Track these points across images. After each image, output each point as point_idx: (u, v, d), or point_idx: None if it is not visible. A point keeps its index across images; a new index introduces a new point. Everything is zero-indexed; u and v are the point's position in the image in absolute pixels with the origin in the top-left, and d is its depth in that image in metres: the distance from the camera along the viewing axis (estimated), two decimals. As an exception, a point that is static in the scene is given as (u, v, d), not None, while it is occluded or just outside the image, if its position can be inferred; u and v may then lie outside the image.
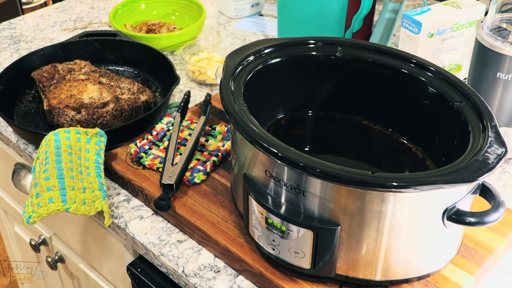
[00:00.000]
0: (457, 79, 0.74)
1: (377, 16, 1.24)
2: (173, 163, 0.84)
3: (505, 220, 0.75)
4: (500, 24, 0.86)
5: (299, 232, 0.65)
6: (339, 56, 0.81)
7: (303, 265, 0.68)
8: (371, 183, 0.58)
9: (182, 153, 0.86)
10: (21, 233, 1.37)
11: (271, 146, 0.62)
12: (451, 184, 0.58)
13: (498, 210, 0.61)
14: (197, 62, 1.14)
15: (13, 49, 1.27)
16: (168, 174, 0.82)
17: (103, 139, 0.88)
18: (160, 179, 0.82)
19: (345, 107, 0.85)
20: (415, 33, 0.97)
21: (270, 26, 1.36)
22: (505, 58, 0.83)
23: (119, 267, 0.97)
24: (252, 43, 0.81)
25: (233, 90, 0.71)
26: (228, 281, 0.74)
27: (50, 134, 0.86)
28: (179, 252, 0.78)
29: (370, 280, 0.67)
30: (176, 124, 0.92)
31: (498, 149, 0.61)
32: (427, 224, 0.64)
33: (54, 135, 0.86)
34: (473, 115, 0.69)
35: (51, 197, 0.77)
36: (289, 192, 0.64)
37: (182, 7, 1.35)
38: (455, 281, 0.69)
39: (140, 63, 1.14)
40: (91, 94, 0.97)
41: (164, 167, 0.84)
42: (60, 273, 1.25)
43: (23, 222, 0.78)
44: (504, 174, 0.91)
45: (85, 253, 1.09)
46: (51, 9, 1.46)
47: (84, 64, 1.07)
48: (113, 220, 0.84)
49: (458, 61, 1.05)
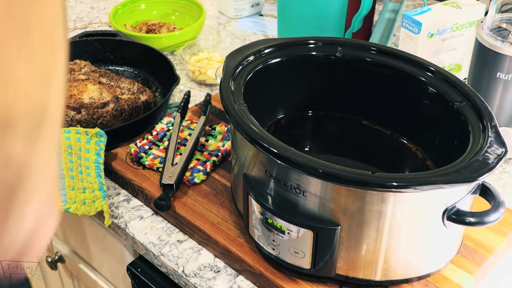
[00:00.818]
0: (457, 79, 0.74)
1: (377, 16, 1.24)
2: (173, 163, 0.84)
3: (505, 220, 0.75)
4: (500, 24, 0.86)
5: (299, 232, 0.65)
6: (339, 56, 0.81)
7: (303, 265, 0.68)
8: (371, 183, 0.58)
9: (182, 153, 0.86)
10: (21, 233, 1.37)
11: (271, 146, 0.62)
12: (451, 184, 0.58)
13: (498, 210, 0.61)
14: (197, 62, 1.14)
15: (13, 49, 1.27)
16: (168, 174, 0.82)
17: (103, 139, 0.88)
18: (160, 179, 0.82)
19: (345, 107, 0.85)
20: (415, 33, 0.97)
21: (270, 26, 1.36)
22: (505, 58, 0.83)
23: (119, 267, 0.97)
24: (252, 43, 0.81)
25: (233, 90, 0.71)
26: (228, 281, 0.74)
27: None
28: (179, 252, 0.78)
29: (370, 280, 0.67)
30: (176, 124, 0.92)
31: (498, 149, 0.61)
32: (427, 224, 0.64)
33: None
34: (473, 115, 0.69)
35: None
36: (289, 192, 0.64)
37: (182, 7, 1.35)
38: (455, 281, 0.69)
39: (140, 63, 1.14)
40: (91, 94, 0.97)
41: (164, 167, 0.84)
42: (60, 273, 1.25)
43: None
44: (504, 174, 0.91)
45: (85, 253, 1.09)
46: (51, 9, 1.46)
47: (84, 64, 1.07)
48: (113, 220, 0.84)
49: (458, 61, 1.05)
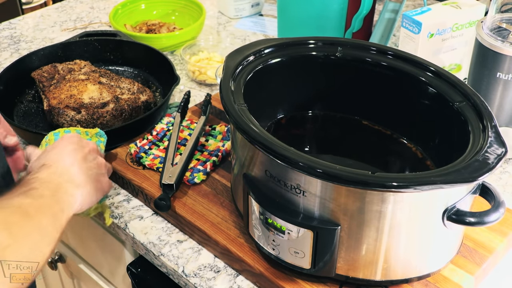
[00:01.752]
0: (457, 79, 0.74)
1: (377, 16, 1.24)
2: (173, 163, 0.84)
3: (505, 220, 0.75)
4: (500, 24, 0.86)
5: (299, 232, 0.65)
6: (339, 56, 0.81)
7: (303, 265, 0.68)
8: (371, 183, 0.58)
9: (182, 153, 0.86)
10: (21, 233, 1.37)
11: (271, 146, 0.62)
12: (451, 184, 0.58)
13: (498, 210, 0.61)
14: (197, 62, 1.14)
15: (13, 49, 1.27)
16: (168, 174, 0.82)
17: (103, 139, 0.87)
18: (160, 179, 0.82)
19: (345, 107, 0.85)
20: (415, 33, 0.97)
21: (270, 26, 1.36)
22: (505, 58, 0.83)
23: (119, 267, 0.97)
24: (252, 43, 0.81)
25: (233, 90, 0.71)
26: (228, 281, 0.74)
27: (50, 134, 0.86)
28: (179, 252, 0.78)
29: (370, 280, 0.67)
30: (176, 124, 0.92)
31: (498, 149, 0.61)
32: (427, 224, 0.64)
33: (54, 135, 0.85)
34: (473, 115, 0.69)
35: None
36: (289, 192, 0.64)
37: (182, 7, 1.35)
38: (455, 281, 0.69)
39: (140, 63, 1.14)
40: (91, 94, 0.97)
41: (164, 167, 0.84)
42: (60, 273, 1.25)
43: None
44: (504, 174, 0.91)
45: (85, 253, 1.09)
46: (51, 9, 1.46)
47: (84, 64, 1.07)
48: (113, 220, 0.84)
49: (458, 61, 1.05)
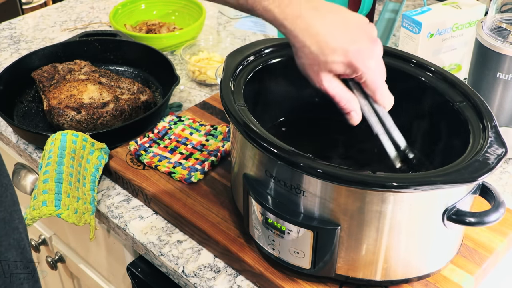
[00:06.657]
0: (457, 79, 0.74)
1: (377, 16, 1.24)
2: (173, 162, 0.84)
3: (505, 220, 0.75)
4: (500, 24, 0.86)
5: (299, 232, 0.65)
6: (339, 56, 0.80)
7: (303, 265, 0.68)
8: (371, 183, 0.58)
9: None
10: (21, 233, 1.37)
11: (271, 146, 0.62)
12: (451, 184, 0.58)
13: (498, 210, 0.61)
14: (197, 62, 1.14)
15: (13, 49, 1.27)
16: None
17: (105, 156, 0.87)
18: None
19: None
20: (415, 33, 0.97)
21: (270, 26, 1.36)
22: (505, 58, 0.83)
23: (119, 267, 0.97)
24: (252, 43, 0.81)
25: (233, 90, 0.71)
26: (228, 281, 0.74)
27: (58, 134, 0.85)
28: (179, 252, 0.78)
29: (370, 280, 0.67)
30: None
31: (498, 149, 0.61)
32: (427, 224, 0.64)
33: (62, 135, 0.85)
34: (473, 115, 0.69)
35: (45, 200, 0.77)
36: (289, 192, 0.64)
37: (182, 7, 1.35)
38: (455, 281, 0.69)
39: (140, 63, 1.14)
40: (91, 94, 0.97)
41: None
42: (60, 273, 1.25)
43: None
44: (504, 174, 0.91)
45: (85, 253, 1.09)
46: (51, 9, 1.46)
47: (84, 64, 1.07)
48: (113, 220, 0.84)
49: (458, 61, 1.05)
